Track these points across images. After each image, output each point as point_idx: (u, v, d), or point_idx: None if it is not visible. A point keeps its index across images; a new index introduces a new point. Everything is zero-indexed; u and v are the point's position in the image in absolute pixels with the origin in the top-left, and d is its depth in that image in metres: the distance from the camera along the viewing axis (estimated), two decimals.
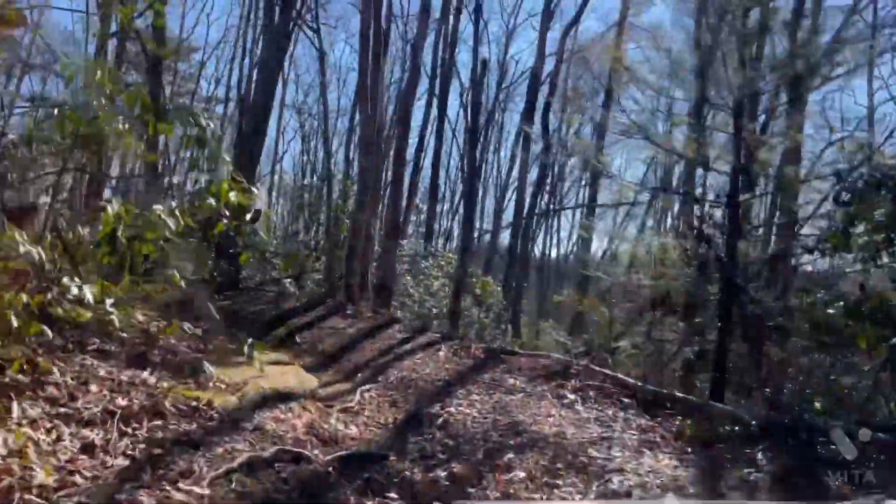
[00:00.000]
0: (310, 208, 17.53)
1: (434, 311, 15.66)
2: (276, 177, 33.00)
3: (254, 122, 16.01)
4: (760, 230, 8.71)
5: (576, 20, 25.44)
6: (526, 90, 26.01)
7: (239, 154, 15.21)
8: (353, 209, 14.10)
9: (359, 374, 8.30)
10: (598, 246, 29.60)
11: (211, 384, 5.42)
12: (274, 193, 30.91)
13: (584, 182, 32.08)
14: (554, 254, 37.13)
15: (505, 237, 28.91)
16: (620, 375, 7.36)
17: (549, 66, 23.77)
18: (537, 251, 33.52)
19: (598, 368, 7.75)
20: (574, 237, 34.31)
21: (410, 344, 9.79)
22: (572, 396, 6.88)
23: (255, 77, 17.56)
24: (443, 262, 17.41)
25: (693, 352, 7.61)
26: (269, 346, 10.02)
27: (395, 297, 15.40)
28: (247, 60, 24.10)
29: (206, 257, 9.74)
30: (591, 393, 6.92)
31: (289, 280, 16.01)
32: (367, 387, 7.48)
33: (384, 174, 16.11)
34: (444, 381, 7.66)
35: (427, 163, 28.12)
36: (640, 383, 7.03)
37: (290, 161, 38.36)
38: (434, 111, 25.38)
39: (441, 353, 9.27)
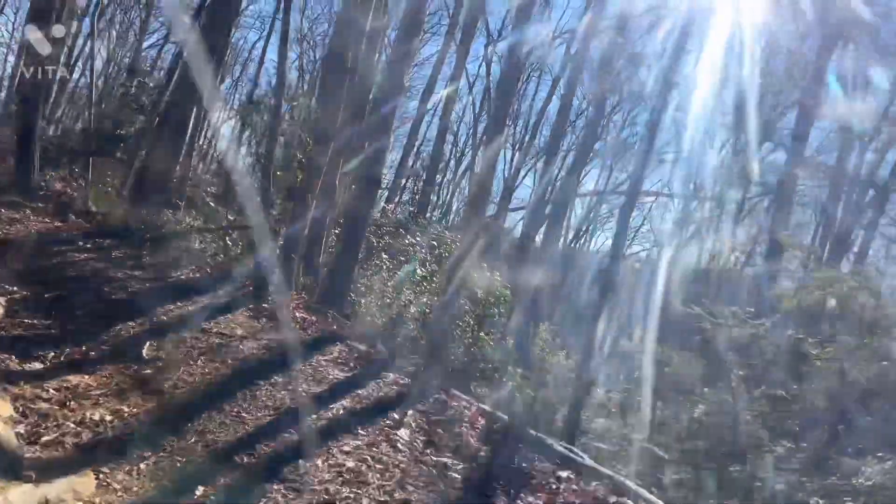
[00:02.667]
0: (258, 136, 12.49)
1: (412, 308, 10.95)
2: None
3: None
4: None
5: None
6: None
7: None
8: (310, 146, 9.25)
9: (198, 489, 3.60)
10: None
11: None
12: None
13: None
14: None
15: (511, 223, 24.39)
16: None
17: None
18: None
19: None
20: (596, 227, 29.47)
21: (349, 397, 5.10)
22: None
23: None
24: (435, 243, 12.60)
25: None
26: (92, 358, 5.37)
27: (359, 283, 10.68)
28: None
29: None
30: None
31: (225, 234, 11.28)
32: None
33: (366, 107, 11.30)
34: None
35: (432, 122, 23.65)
36: None
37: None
38: (448, 64, 20.58)
39: (403, 434, 4.60)
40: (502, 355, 10.44)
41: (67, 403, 4.39)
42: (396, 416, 4.87)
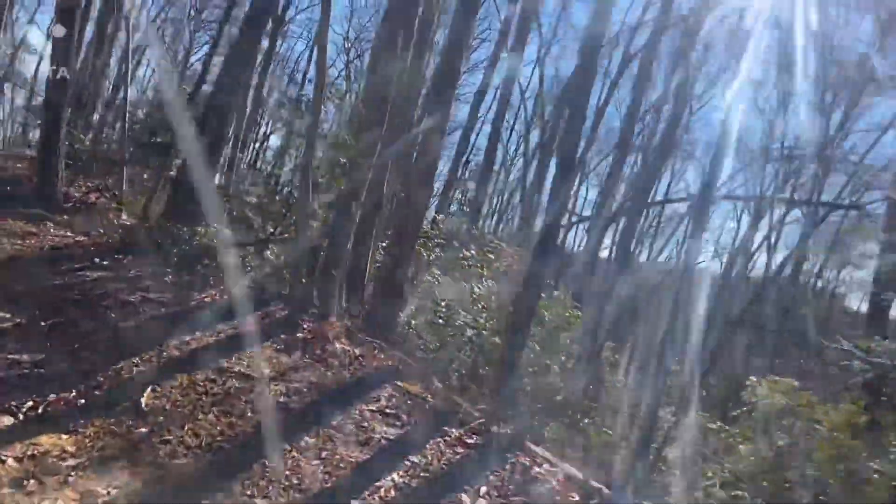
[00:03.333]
0: (300, 143, 11.40)
1: (471, 332, 9.64)
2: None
3: None
4: None
5: None
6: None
7: None
8: (354, 150, 8.08)
9: None
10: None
11: None
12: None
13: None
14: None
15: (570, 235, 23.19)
16: None
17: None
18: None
19: None
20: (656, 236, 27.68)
21: (402, 467, 3.84)
22: None
23: None
24: (492, 256, 11.30)
25: None
26: (79, 408, 4.27)
27: (409, 303, 9.46)
28: None
29: None
30: None
31: (262, 249, 10.24)
32: None
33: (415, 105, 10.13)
34: None
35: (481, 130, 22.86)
36: None
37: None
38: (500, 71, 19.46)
39: None
40: (575, 389, 9.05)
41: (25, 483, 3.25)
42: (466, 497, 3.58)
